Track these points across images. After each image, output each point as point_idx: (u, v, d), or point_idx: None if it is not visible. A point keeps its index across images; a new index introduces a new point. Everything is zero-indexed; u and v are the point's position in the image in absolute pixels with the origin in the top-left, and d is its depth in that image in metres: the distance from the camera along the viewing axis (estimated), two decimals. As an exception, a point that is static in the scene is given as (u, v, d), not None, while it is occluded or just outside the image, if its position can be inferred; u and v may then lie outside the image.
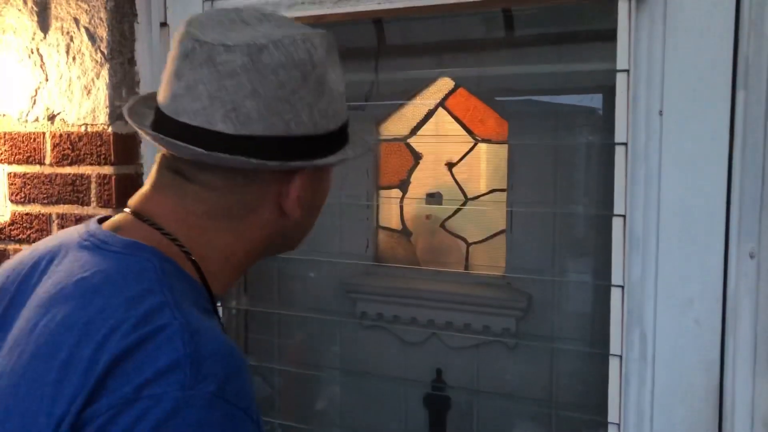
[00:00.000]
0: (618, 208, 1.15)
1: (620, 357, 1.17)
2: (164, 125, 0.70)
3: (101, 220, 0.76)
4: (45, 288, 0.68)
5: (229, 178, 0.71)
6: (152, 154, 1.60)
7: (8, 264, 0.77)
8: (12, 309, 0.70)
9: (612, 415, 1.17)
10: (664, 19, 1.13)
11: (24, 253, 0.77)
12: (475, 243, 1.56)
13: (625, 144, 1.15)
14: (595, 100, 1.37)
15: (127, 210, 0.75)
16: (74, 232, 0.74)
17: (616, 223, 1.16)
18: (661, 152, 1.15)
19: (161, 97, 0.72)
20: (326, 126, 0.74)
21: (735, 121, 1.10)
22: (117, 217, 0.75)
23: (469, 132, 1.52)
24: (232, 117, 0.68)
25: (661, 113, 1.15)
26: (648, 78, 1.15)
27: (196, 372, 0.58)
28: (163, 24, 1.57)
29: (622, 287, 1.16)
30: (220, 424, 0.58)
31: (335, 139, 0.76)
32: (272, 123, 0.69)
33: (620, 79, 1.14)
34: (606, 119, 1.17)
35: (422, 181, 1.58)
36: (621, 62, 1.14)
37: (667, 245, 1.15)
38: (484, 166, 1.54)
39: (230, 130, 0.68)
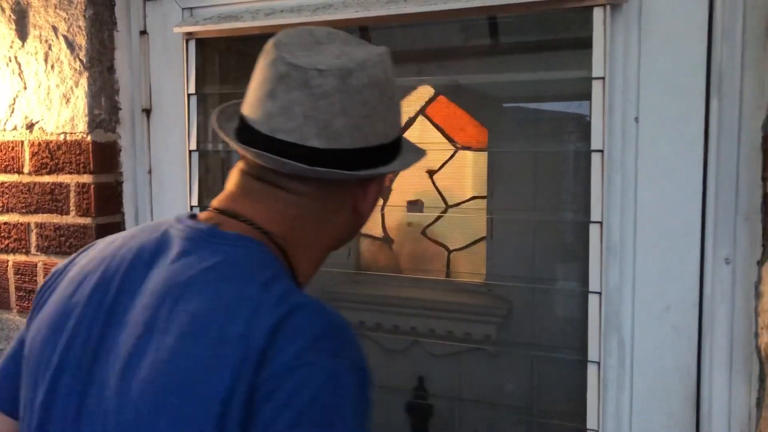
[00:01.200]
0: (595, 214, 1.16)
1: (598, 364, 1.17)
2: (258, 141, 0.78)
3: (192, 217, 0.83)
4: (162, 277, 0.73)
5: (317, 186, 0.80)
6: (132, 162, 1.60)
7: (97, 255, 0.82)
8: (124, 296, 0.75)
9: (591, 422, 1.18)
10: (639, 26, 1.14)
11: (109, 247, 0.82)
12: (456, 250, 1.57)
13: (602, 151, 1.15)
14: (573, 107, 1.37)
15: (213, 210, 0.82)
16: (163, 227, 0.81)
17: (593, 230, 1.16)
18: (638, 159, 1.16)
19: (254, 115, 0.79)
20: (394, 134, 0.84)
21: (709, 128, 1.11)
22: (207, 215, 0.82)
23: (450, 139, 1.53)
24: (323, 134, 0.76)
25: (637, 120, 1.16)
26: (624, 85, 1.16)
27: (339, 342, 0.68)
28: (143, 32, 1.57)
29: (600, 294, 1.17)
30: (362, 386, 0.67)
31: (399, 144, 0.86)
32: (357, 137, 0.78)
33: (596, 87, 1.15)
34: (585, 126, 1.16)
35: (403, 188, 1.59)
36: (597, 70, 1.14)
37: (644, 252, 1.16)
38: (465, 174, 1.56)
39: (322, 145, 0.76)
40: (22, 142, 1.58)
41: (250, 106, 0.80)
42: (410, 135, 1.54)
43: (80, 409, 0.71)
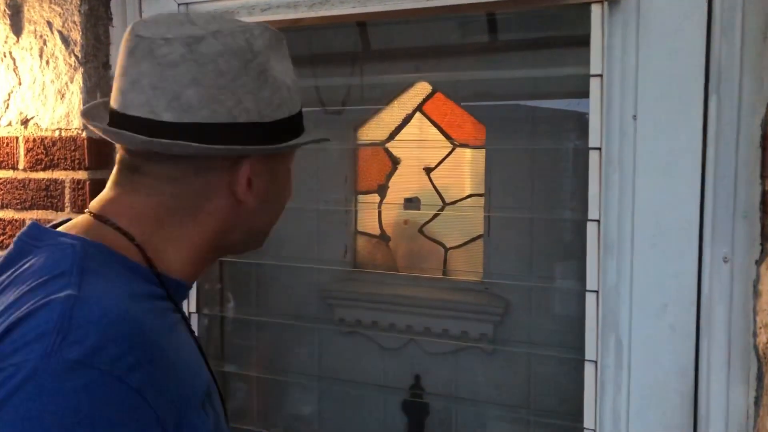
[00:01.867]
0: (592, 213, 1.15)
1: (595, 363, 1.17)
2: (115, 121, 0.73)
3: (59, 224, 0.77)
4: None
5: (180, 167, 0.73)
6: None
7: None
8: None
9: (588, 421, 1.17)
10: (637, 23, 1.13)
11: None
12: (453, 248, 1.55)
13: (599, 149, 1.14)
14: (571, 105, 1.36)
15: (86, 212, 0.76)
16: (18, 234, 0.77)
17: (591, 228, 1.16)
18: (635, 157, 1.15)
19: (112, 98, 0.75)
20: (273, 115, 0.76)
21: (708, 126, 1.10)
22: (75, 219, 0.77)
23: (447, 136, 1.52)
24: (174, 106, 0.70)
25: (635, 118, 1.15)
26: (622, 83, 1.15)
27: (62, 339, 0.58)
28: None
29: (597, 292, 1.16)
30: (78, 392, 0.56)
31: (285, 129, 0.78)
32: (214, 110, 0.71)
33: (594, 84, 1.14)
34: (583, 124, 1.16)
35: (400, 185, 1.57)
36: (594, 67, 1.14)
37: (641, 250, 1.16)
38: (462, 171, 1.54)
39: (174, 119, 0.70)
40: (17, 138, 1.57)
41: (112, 90, 0.76)
42: (408, 132, 1.56)
43: None
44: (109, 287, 0.65)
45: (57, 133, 1.54)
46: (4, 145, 1.58)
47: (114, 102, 0.74)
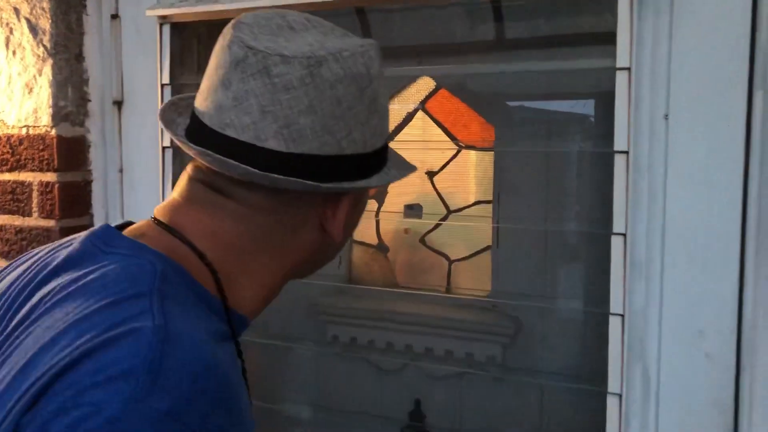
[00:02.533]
0: (618, 225, 1.08)
1: (620, 396, 1.09)
2: (206, 138, 0.68)
3: (121, 227, 0.73)
4: (49, 290, 0.66)
5: (274, 197, 0.70)
6: (102, 159, 1.50)
7: (16, 270, 0.75)
8: (13, 318, 0.67)
9: (610, 462, 1.09)
10: (671, 10, 1.06)
11: (32, 255, 0.75)
12: (457, 260, 1.51)
13: (626, 152, 1.07)
14: (593, 103, 1.29)
15: (152, 219, 0.73)
16: (78, 237, 0.72)
17: (616, 243, 1.08)
18: (667, 162, 1.08)
19: (203, 106, 0.70)
20: (374, 144, 0.73)
21: (752, 126, 1.03)
22: (140, 224, 0.73)
23: (452, 137, 1.47)
24: (284, 134, 0.66)
25: (666, 117, 1.08)
26: (652, 77, 1.08)
27: (151, 383, 0.53)
28: (114, 16, 1.47)
29: (622, 316, 1.09)
30: None
31: (382, 157, 0.76)
32: (325, 142, 0.68)
33: (620, 79, 1.06)
34: (606, 125, 1.11)
35: (400, 191, 1.53)
36: (621, 59, 1.06)
37: (673, 268, 1.09)
38: (468, 176, 1.51)
39: (281, 148, 0.66)
40: (-19, 136, 1.47)
41: (202, 96, 0.70)
42: (409, 132, 1.50)
43: None
44: (191, 322, 0.62)
45: (24, 130, 1.45)
46: (-32, 143, 1.48)
47: (206, 116, 0.69)
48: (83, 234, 0.71)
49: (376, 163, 0.75)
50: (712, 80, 1.04)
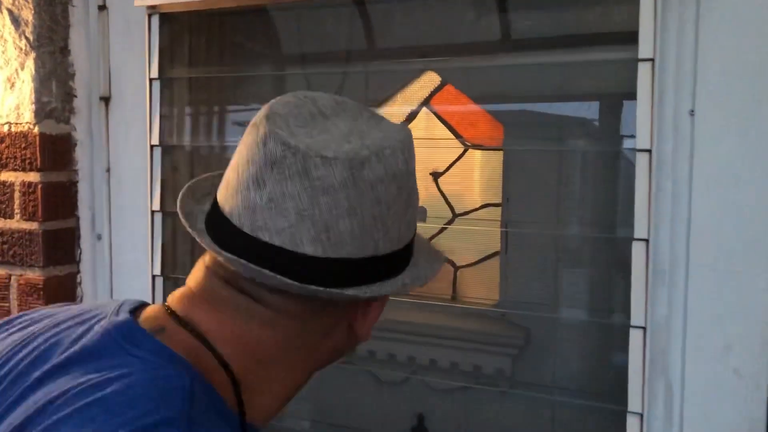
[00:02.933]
0: (639, 230, 1.03)
1: (641, 415, 1.04)
2: (234, 240, 0.64)
3: (135, 309, 0.68)
4: (60, 393, 0.59)
5: (306, 302, 0.66)
6: (89, 159, 1.45)
7: (15, 329, 0.71)
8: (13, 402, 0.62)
9: (630, 487, 1.03)
10: None
11: (33, 321, 0.71)
12: (464, 267, 1.46)
13: (649, 151, 1.03)
14: (610, 98, 1.22)
15: (166, 307, 0.68)
16: (97, 317, 0.67)
17: (637, 249, 1.03)
18: (692, 161, 1.04)
19: (230, 204, 0.65)
20: (408, 237, 0.71)
21: None
22: (156, 312, 0.68)
23: (458, 136, 1.41)
24: (322, 239, 0.63)
25: (692, 113, 1.03)
26: (677, 70, 1.03)
27: None
28: (102, 7, 1.42)
29: (644, 329, 1.04)
30: None
31: (411, 249, 0.73)
32: (364, 245, 0.65)
33: (643, 71, 1.01)
34: (626, 122, 1.08)
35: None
36: (644, 50, 1.01)
37: (699, 277, 1.04)
38: (476, 177, 1.45)
39: (318, 254, 0.62)
40: (-38, 134, 1.42)
41: (228, 191, 0.65)
42: (413, 130, 1.43)
43: None
44: None
45: (6, 127, 1.39)
46: (-53, 141, 1.42)
47: (234, 216, 0.64)
48: (103, 320, 0.66)
49: (407, 255, 0.71)
50: (742, 72, 0.99)
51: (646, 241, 1.02)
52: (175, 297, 0.68)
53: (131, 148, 1.39)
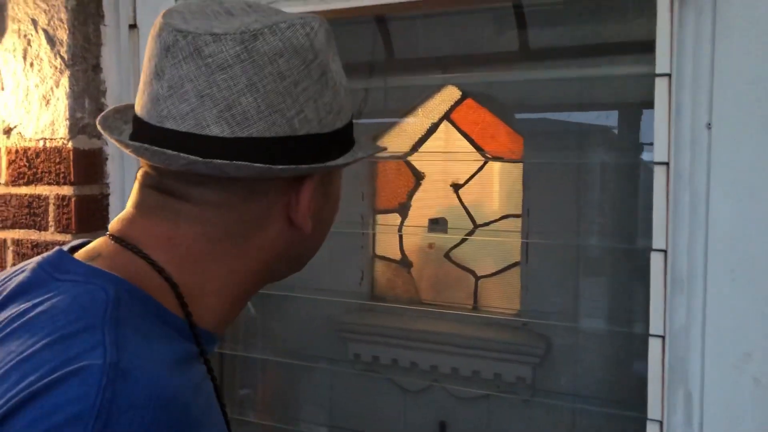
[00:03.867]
0: (657, 241, 1.06)
1: (660, 423, 1.06)
2: (145, 134, 0.65)
3: (77, 247, 0.70)
4: None
5: (229, 191, 0.66)
6: (120, 172, 1.50)
7: None
8: None
9: (651, 495, 1.05)
10: (714, 12, 1.03)
11: None
12: (485, 277, 1.51)
13: (667, 164, 1.05)
14: (629, 112, 1.26)
15: (108, 235, 0.69)
16: (36, 258, 0.69)
17: (656, 259, 1.06)
18: (710, 173, 1.06)
19: (139, 104, 0.67)
20: (333, 124, 0.69)
21: None
22: (95, 243, 0.69)
23: (478, 148, 1.47)
24: (226, 117, 0.63)
25: (709, 126, 1.05)
26: (694, 84, 1.06)
27: (102, 427, 0.50)
28: (132, 26, 1.47)
29: (663, 337, 1.06)
30: None
31: (343, 139, 0.72)
32: (273, 121, 0.64)
33: (660, 85, 1.04)
34: (644, 135, 1.09)
35: (425, 204, 1.55)
36: (661, 65, 1.04)
37: (717, 286, 1.06)
38: (496, 188, 1.51)
39: (226, 133, 0.63)
40: (-1, 149, 1.49)
41: (138, 94, 0.67)
42: (434, 143, 1.50)
43: None
44: (150, 352, 0.59)
45: (41, 143, 1.45)
46: (-15, 157, 1.50)
47: (143, 111, 0.66)
48: (36, 259, 0.68)
49: (339, 144, 0.71)
50: (758, 86, 1.02)
51: (665, 251, 1.05)
52: (114, 221, 0.70)
53: (161, 162, 1.44)
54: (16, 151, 1.46)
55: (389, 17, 1.32)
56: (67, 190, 1.42)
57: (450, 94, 1.47)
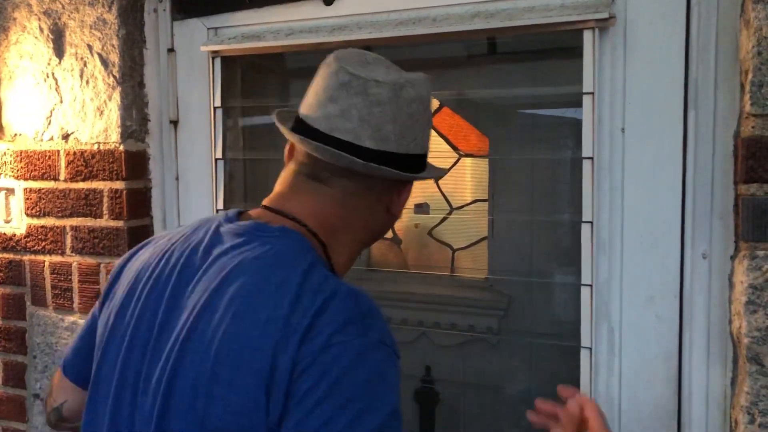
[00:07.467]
0: (586, 215, 1.24)
1: (590, 349, 1.26)
2: (317, 138, 0.85)
3: (239, 214, 0.90)
4: (218, 267, 0.81)
5: (361, 184, 0.87)
6: (160, 170, 1.67)
7: (157, 250, 0.90)
8: (182, 285, 0.83)
9: (584, 402, 1.26)
10: (624, 46, 1.23)
11: (167, 242, 0.90)
12: (460, 249, 1.60)
13: (591, 158, 1.24)
14: (569, 113, 1.43)
15: (263, 207, 0.89)
16: (214, 224, 0.88)
17: (585, 229, 1.25)
18: (624, 165, 1.24)
19: (313, 114, 0.87)
20: (425, 148, 0.93)
21: (687, 137, 1.20)
22: (258, 212, 0.89)
23: (454, 147, 1.56)
24: (375, 136, 0.84)
25: (623, 130, 1.24)
26: (611, 99, 1.24)
27: (363, 325, 0.75)
28: (170, 50, 1.66)
29: (591, 286, 1.25)
30: (386, 361, 0.75)
31: (425, 159, 0.95)
32: (401, 144, 0.86)
33: (586, 101, 1.23)
34: (579, 133, 1.25)
35: (411, 192, 1.52)
36: (587, 85, 1.23)
37: (630, 248, 1.24)
38: (468, 179, 1.58)
39: (373, 146, 0.84)
40: (58, 152, 1.68)
41: (310, 107, 0.88)
42: None
43: (146, 383, 0.78)
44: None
45: (96, 146, 1.64)
46: (47, 158, 1.69)
47: (315, 119, 0.86)
48: (216, 224, 0.87)
49: (425, 161, 0.94)
50: (657, 101, 1.20)
51: (591, 223, 1.23)
52: (269, 199, 0.90)
53: (196, 161, 1.63)
54: (74, 153, 1.65)
55: (376, 46, 1.39)
56: (119, 185, 1.61)
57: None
